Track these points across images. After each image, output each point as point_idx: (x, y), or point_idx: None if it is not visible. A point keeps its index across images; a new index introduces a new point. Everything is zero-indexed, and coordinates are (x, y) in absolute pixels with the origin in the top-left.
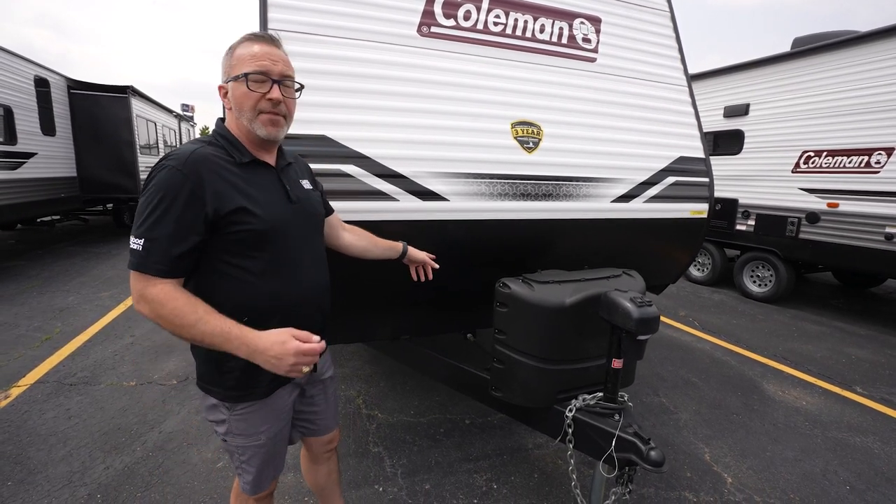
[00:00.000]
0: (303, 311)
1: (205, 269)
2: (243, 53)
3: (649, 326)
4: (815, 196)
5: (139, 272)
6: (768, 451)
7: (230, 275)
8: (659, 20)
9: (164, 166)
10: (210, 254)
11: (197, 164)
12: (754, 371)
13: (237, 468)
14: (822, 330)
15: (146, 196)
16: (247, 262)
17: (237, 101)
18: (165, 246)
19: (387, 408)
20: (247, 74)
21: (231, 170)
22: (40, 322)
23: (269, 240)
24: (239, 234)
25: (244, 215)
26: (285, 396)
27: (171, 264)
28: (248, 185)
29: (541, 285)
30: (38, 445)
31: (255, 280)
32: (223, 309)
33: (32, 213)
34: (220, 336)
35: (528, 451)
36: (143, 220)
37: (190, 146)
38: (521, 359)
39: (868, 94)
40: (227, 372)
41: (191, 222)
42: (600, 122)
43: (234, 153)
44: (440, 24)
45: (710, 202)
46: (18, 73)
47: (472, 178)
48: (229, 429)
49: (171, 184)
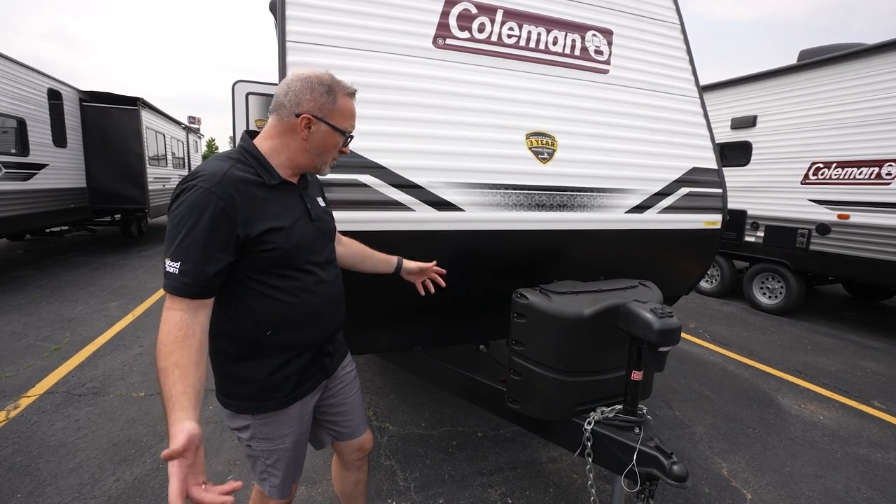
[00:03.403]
0: (322, 322)
1: (229, 284)
2: (346, 108)
3: (671, 337)
4: (825, 207)
5: (176, 296)
6: (787, 466)
7: (254, 290)
8: (670, 32)
9: (196, 187)
10: (236, 270)
11: (229, 187)
12: (769, 384)
13: (261, 473)
14: (835, 343)
15: (178, 217)
16: (271, 278)
17: (321, 145)
18: (200, 268)
19: (398, 420)
20: (347, 133)
21: (260, 191)
22: (49, 332)
23: (294, 258)
24: (266, 254)
25: (273, 236)
26: (308, 401)
27: (204, 285)
28: (275, 207)
29: (558, 296)
30: (48, 457)
31: (278, 295)
32: (245, 321)
33: (42, 223)
34: (164, 392)
35: (543, 465)
36: (177, 242)
37: (219, 165)
38: (539, 370)
39: (878, 106)
40: (245, 383)
41: (224, 244)
42: (614, 133)
43: (263, 174)
44: (455, 37)
45: (723, 213)
46: (32, 85)
47: (487, 188)
48: (254, 433)
49: (204, 206)
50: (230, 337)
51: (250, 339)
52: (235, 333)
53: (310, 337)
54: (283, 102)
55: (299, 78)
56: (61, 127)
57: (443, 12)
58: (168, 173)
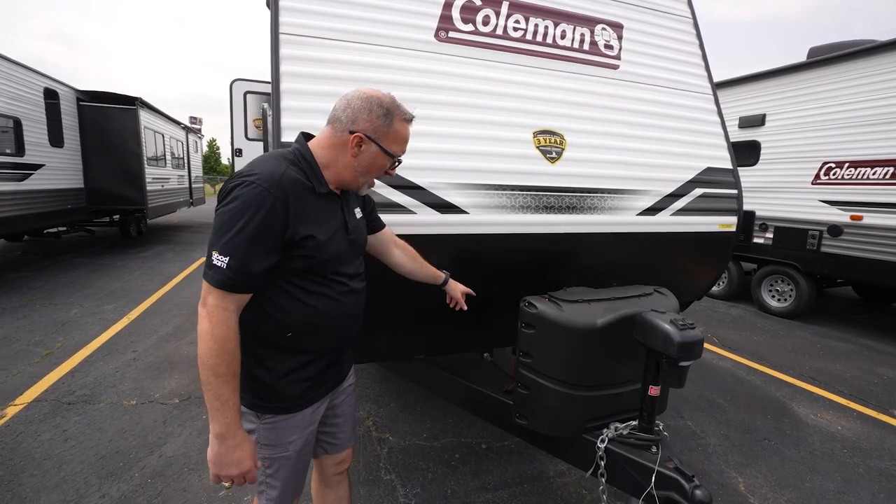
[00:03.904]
0: (342, 331)
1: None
2: (400, 133)
3: (692, 351)
4: (837, 208)
5: (222, 291)
6: (807, 481)
7: (283, 290)
8: (681, 27)
9: (252, 183)
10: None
11: (285, 188)
12: (782, 392)
13: (260, 485)
14: (848, 347)
15: (231, 211)
16: (301, 281)
17: (368, 165)
18: (247, 264)
19: (398, 430)
20: (396, 158)
21: (308, 196)
22: (41, 336)
23: (325, 267)
24: (301, 259)
25: (310, 243)
26: (316, 409)
27: (249, 282)
28: (318, 215)
29: (569, 304)
30: (32, 470)
31: (305, 298)
32: (269, 320)
33: (39, 224)
34: (224, 397)
35: (550, 480)
36: (229, 236)
37: (277, 165)
38: (548, 384)
39: (893, 104)
40: (258, 382)
41: (273, 243)
42: (624, 132)
43: (313, 180)
44: (458, 30)
45: (739, 215)
46: (28, 84)
47: (493, 189)
48: (257, 438)
49: (260, 204)
50: (252, 333)
51: (271, 339)
52: (258, 331)
53: (329, 344)
54: (340, 117)
55: (360, 96)
56: (58, 127)
57: (445, 4)
58: (167, 174)
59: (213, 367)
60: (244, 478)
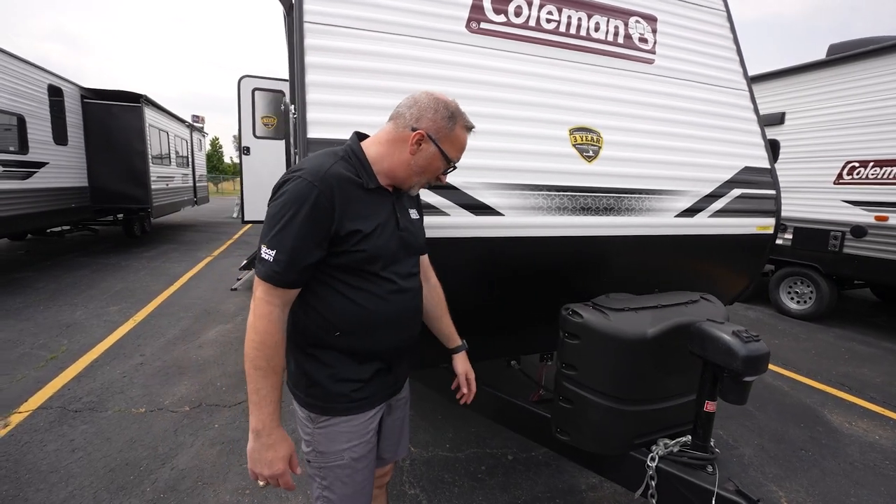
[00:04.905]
0: (392, 332)
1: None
2: (460, 139)
3: (758, 366)
4: (861, 209)
5: (268, 283)
6: (853, 496)
7: (330, 286)
8: (715, 20)
9: (299, 178)
10: (318, 265)
11: (331, 182)
12: (812, 399)
13: (316, 500)
14: (873, 352)
15: (279, 206)
16: (349, 277)
17: (424, 165)
18: (295, 257)
19: (420, 441)
20: (452, 162)
21: (357, 192)
22: (45, 339)
23: (373, 263)
24: (348, 254)
25: (359, 238)
26: (372, 417)
27: (297, 276)
28: (367, 209)
29: (616, 313)
30: (38, 484)
31: (352, 294)
32: (316, 317)
33: (43, 223)
34: (262, 392)
35: (583, 493)
36: (276, 230)
37: (324, 160)
38: (594, 398)
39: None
40: (306, 376)
41: (320, 237)
42: (661, 129)
43: (363, 176)
44: (490, 20)
45: (777, 217)
46: (31, 81)
47: (528, 189)
48: (314, 445)
49: (305, 198)
50: (301, 329)
51: (318, 336)
52: (306, 327)
53: (377, 346)
54: (404, 113)
55: (428, 96)
56: (62, 124)
57: None
58: (172, 172)
59: (253, 360)
60: (277, 481)
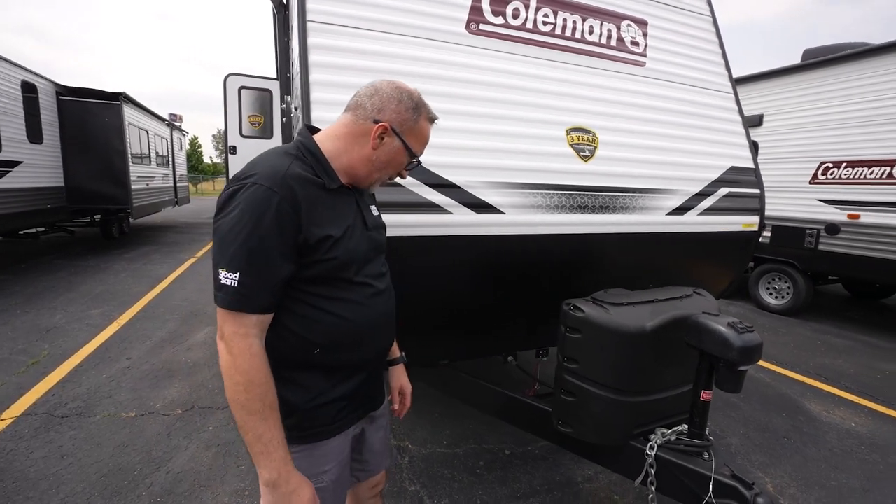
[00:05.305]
0: (374, 339)
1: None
2: (423, 132)
3: (752, 356)
4: (835, 207)
5: (233, 312)
6: (833, 480)
7: (304, 302)
8: (702, 24)
9: (253, 184)
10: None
11: (292, 185)
12: (793, 389)
13: None
14: (847, 344)
15: (234, 220)
16: (324, 289)
17: (387, 160)
18: (263, 277)
19: (417, 438)
20: (416, 156)
21: (319, 193)
22: (25, 344)
23: (348, 269)
24: (320, 264)
25: (330, 244)
26: (350, 434)
27: (270, 297)
28: (333, 212)
29: (616, 308)
30: (27, 492)
31: (330, 307)
32: (292, 338)
33: (16, 224)
34: (266, 438)
35: (580, 485)
36: (233, 249)
37: (279, 161)
38: (595, 390)
39: (888, 106)
40: (286, 404)
41: (287, 249)
42: (653, 130)
43: (322, 176)
44: (489, 22)
45: (761, 214)
46: (4, 77)
47: (528, 188)
48: None
49: (265, 207)
50: (274, 354)
51: (296, 357)
52: (281, 351)
53: (362, 356)
54: (365, 104)
55: (390, 85)
56: (37, 122)
57: None
58: (152, 172)
59: (246, 405)
60: None
